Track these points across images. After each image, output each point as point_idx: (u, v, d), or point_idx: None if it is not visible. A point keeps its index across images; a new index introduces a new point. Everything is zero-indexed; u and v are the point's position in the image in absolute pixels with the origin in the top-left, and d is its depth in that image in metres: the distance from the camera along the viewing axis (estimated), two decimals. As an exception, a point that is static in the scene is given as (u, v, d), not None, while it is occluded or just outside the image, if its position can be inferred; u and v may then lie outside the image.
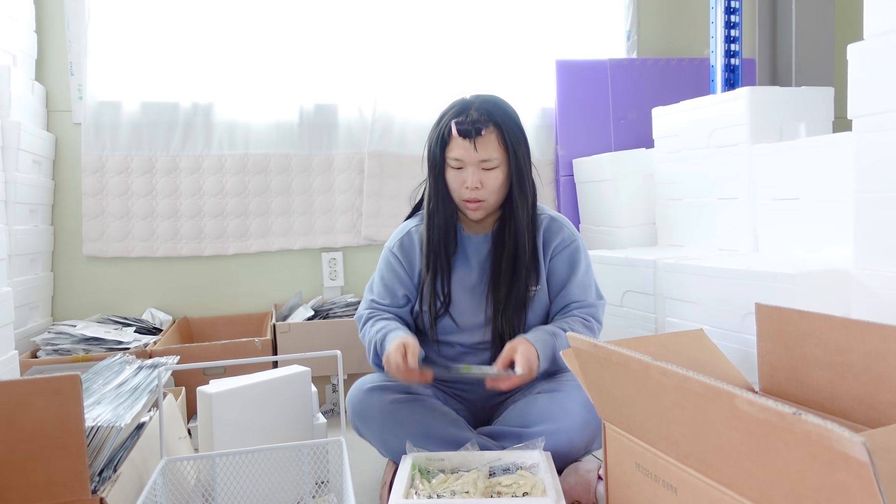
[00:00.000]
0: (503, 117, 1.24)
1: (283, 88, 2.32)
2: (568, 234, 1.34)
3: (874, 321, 0.89)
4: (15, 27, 1.98)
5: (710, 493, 0.71)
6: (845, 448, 0.50)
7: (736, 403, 0.61)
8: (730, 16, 2.25)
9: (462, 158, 1.24)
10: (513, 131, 1.25)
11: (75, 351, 1.81)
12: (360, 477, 1.37)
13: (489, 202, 1.27)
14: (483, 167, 1.24)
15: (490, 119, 1.23)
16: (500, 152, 1.24)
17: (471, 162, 1.23)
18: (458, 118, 1.24)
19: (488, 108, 1.24)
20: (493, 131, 1.23)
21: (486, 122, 1.22)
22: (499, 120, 1.23)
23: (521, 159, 1.26)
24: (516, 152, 1.25)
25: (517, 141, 1.25)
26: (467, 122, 1.22)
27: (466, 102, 1.27)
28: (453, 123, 1.23)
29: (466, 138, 1.22)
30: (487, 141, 1.22)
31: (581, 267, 1.33)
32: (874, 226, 1.26)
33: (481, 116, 1.22)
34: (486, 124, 1.22)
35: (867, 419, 0.89)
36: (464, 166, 1.25)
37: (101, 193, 2.17)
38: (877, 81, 1.23)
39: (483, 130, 1.22)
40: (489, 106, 1.25)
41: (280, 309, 2.27)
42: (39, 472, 0.84)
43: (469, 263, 1.34)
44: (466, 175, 1.24)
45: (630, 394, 0.81)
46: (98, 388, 1.19)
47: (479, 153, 1.22)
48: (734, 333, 1.43)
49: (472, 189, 1.24)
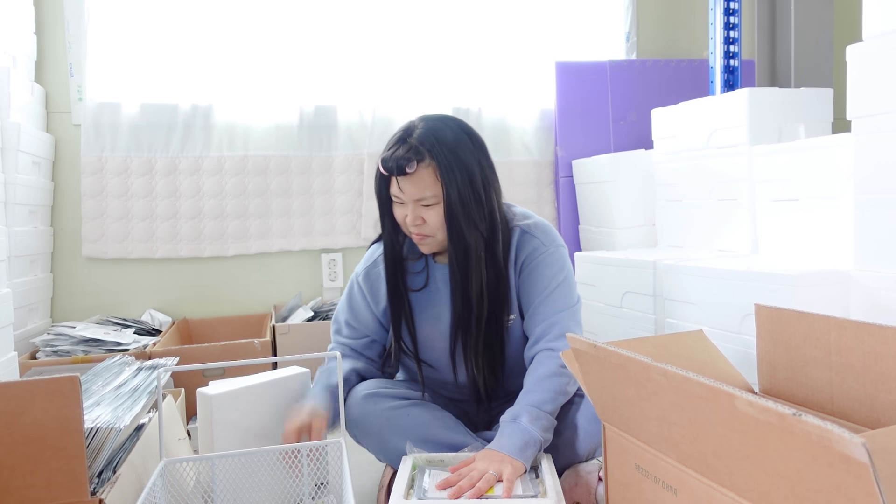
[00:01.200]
0: (439, 146, 1.08)
1: (283, 90, 2.32)
2: (537, 245, 1.19)
3: (874, 322, 0.88)
4: (15, 29, 1.98)
5: (710, 495, 0.71)
6: (845, 449, 0.50)
7: (736, 404, 0.61)
8: (729, 17, 2.25)
9: (398, 196, 1.12)
10: (449, 162, 1.08)
11: (75, 352, 1.81)
12: (360, 479, 1.37)
13: (438, 237, 1.14)
14: (421, 204, 1.11)
15: (422, 153, 1.08)
16: (436, 188, 1.09)
17: (407, 199, 1.11)
18: (387, 152, 1.10)
19: (424, 138, 1.09)
20: (427, 165, 1.08)
21: (416, 157, 1.07)
22: (432, 150, 1.08)
23: (455, 195, 1.09)
24: (450, 188, 1.08)
25: (452, 174, 1.08)
26: (392, 159, 1.08)
27: (408, 130, 1.12)
28: (379, 161, 1.11)
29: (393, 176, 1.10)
30: (419, 178, 1.08)
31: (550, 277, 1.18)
32: (874, 227, 1.26)
33: (409, 152, 1.08)
34: (414, 160, 1.07)
35: (867, 420, 0.89)
36: (404, 201, 1.12)
37: (100, 195, 2.17)
38: (876, 83, 1.23)
39: (409, 168, 1.07)
40: (426, 135, 1.10)
41: (280, 310, 2.27)
42: (39, 473, 0.84)
43: (439, 295, 1.22)
44: (406, 211, 1.12)
45: (630, 395, 0.81)
46: (97, 389, 1.19)
47: (410, 191, 1.09)
48: (734, 334, 1.43)
49: (413, 225, 1.13)
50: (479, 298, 1.15)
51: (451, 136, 1.11)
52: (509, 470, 0.98)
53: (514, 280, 1.20)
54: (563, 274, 1.19)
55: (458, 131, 1.13)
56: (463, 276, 1.15)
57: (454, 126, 1.14)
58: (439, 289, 1.23)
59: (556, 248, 1.20)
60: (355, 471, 1.36)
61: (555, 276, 1.18)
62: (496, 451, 1.02)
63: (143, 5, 2.21)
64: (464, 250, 1.13)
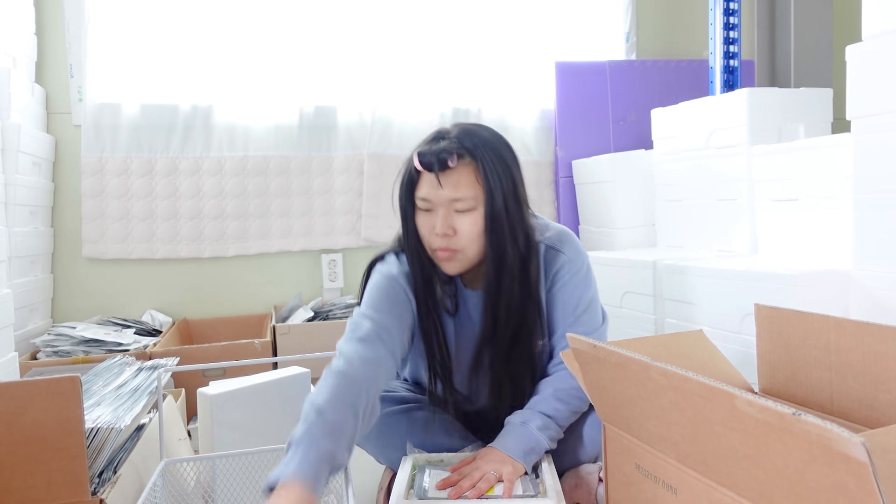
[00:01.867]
0: (482, 146, 0.99)
1: (283, 91, 2.32)
2: (565, 262, 1.10)
3: (873, 322, 0.89)
4: (15, 29, 1.98)
5: (710, 494, 0.71)
6: (845, 448, 0.50)
7: (735, 404, 0.61)
8: (728, 17, 2.26)
9: (429, 198, 1.00)
10: (493, 163, 0.99)
11: (75, 353, 1.81)
12: (359, 479, 1.37)
13: (466, 253, 1.02)
14: (455, 208, 0.99)
15: (462, 148, 0.98)
16: (476, 190, 0.99)
17: (439, 202, 0.99)
18: (425, 147, 1.01)
19: (464, 136, 1.00)
20: (468, 164, 0.99)
21: (458, 152, 0.98)
22: (475, 150, 0.99)
23: (505, 199, 0.99)
24: (494, 191, 0.98)
25: (499, 175, 0.99)
26: (431, 153, 0.98)
27: (442, 132, 1.03)
28: (415, 154, 1.01)
29: (432, 172, 0.98)
30: (458, 175, 0.98)
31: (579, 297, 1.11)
32: (873, 227, 1.26)
33: (451, 145, 0.98)
34: (455, 154, 0.97)
35: (867, 420, 0.89)
36: (433, 208, 1.00)
37: (100, 195, 2.17)
38: (875, 83, 1.23)
39: (450, 161, 0.97)
40: (466, 133, 1.01)
41: (280, 310, 2.27)
42: (39, 473, 0.85)
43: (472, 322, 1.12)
44: (435, 218, 1.00)
45: (630, 395, 0.81)
46: (98, 389, 1.19)
47: (447, 190, 0.98)
48: (733, 334, 1.43)
49: (443, 236, 0.99)
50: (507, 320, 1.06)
51: (492, 138, 1.03)
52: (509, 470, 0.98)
53: (543, 299, 1.11)
54: (591, 292, 1.12)
55: (498, 137, 1.05)
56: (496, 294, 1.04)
57: (493, 132, 1.06)
58: (471, 314, 1.12)
59: (581, 263, 1.12)
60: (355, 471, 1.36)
61: (583, 296, 1.11)
62: (498, 451, 1.02)
63: (144, 6, 2.21)
64: (500, 264, 1.02)
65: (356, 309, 1.07)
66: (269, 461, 1.14)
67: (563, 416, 1.07)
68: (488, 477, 0.97)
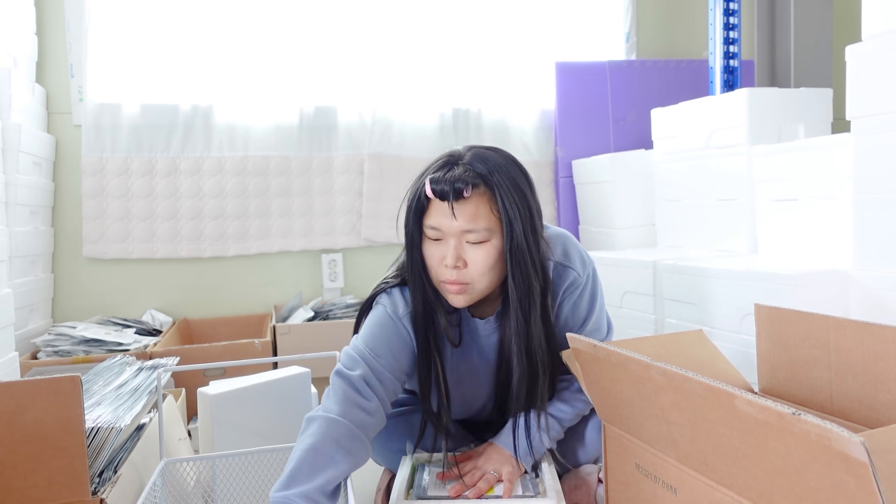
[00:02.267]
0: (497, 174, 0.94)
1: (283, 91, 2.33)
2: (574, 277, 1.07)
3: (873, 321, 0.89)
4: (16, 29, 1.98)
5: (710, 494, 0.71)
6: (844, 448, 0.50)
7: (735, 404, 0.61)
8: (728, 17, 2.26)
9: (439, 227, 0.95)
10: (509, 193, 0.94)
11: (75, 352, 1.81)
12: (359, 479, 1.37)
13: (476, 286, 0.97)
14: (467, 239, 0.95)
15: (479, 177, 0.93)
16: (491, 221, 0.94)
17: (451, 232, 0.94)
18: (437, 173, 0.94)
19: (480, 163, 0.94)
20: (482, 193, 0.94)
21: (473, 181, 0.93)
22: (490, 177, 0.93)
23: (519, 232, 0.94)
24: (513, 222, 0.94)
25: (515, 206, 0.94)
26: (445, 181, 0.92)
27: (455, 155, 0.98)
28: (427, 181, 0.94)
29: (444, 201, 0.93)
30: (473, 206, 0.93)
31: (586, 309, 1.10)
32: (873, 227, 1.26)
33: (466, 174, 0.93)
34: (471, 183, 0.92)
35: (866, 419, 0.89)
36: (443, 237, 0.96)
37: (101, 195, 2.17)
38: (875, 83, 1.23)
39: (465, 191, 0.92)
40: (480, 159, 0.95)
41: (280, 310, 2.27)
42: (40, 473, 0.85)
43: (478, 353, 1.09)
44: (446, 249, 0.95)
45: (629, 394, 0.82)
46: (98, 389, 1.19)
47: (461, 221, 0.93)
48: (733, 334, 1.43)
49: (452, 268, 0.95)
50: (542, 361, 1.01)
51: (506, 165, 0.97)
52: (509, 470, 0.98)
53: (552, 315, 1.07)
54: (597, 304, 1.11)
55: (513, 162, 0.99)
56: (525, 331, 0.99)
57: (507, 156, 0.99)
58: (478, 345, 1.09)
59: (587, 277, 1.09)
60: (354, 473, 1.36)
61: (591, 310, 1.10)
62: (501, 449, 1.02)
63: (144, 6, 2.21)
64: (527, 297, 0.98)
65: (354, 339, 1.03)
66: (269, 461, 1.14)
67: (566, 418, 1.08)
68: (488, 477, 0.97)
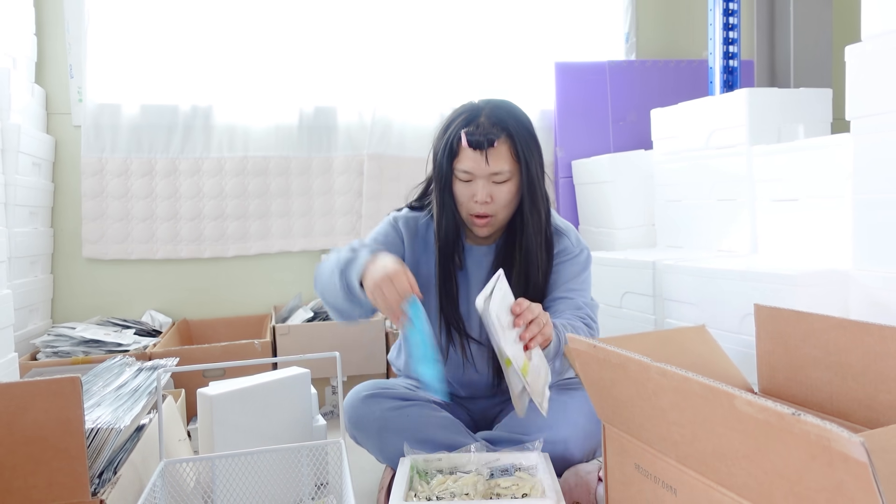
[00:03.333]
0: (516, 126, 1.15)
1: (283, 91, 2.33)
2: (567, 245, 1.26)
3: (873, 322, 0.89)
4: (15, 30, 1.98)
5: (710, 494, 0.71)
6: (844, 448, 0.50)
7: (735, 404, 0.61)
8: (728, 17, 2.26)
9: (472, 171, 1.15)
10: (525, 141, 1.15)
11: (75, 353, 1.81)
12: (359, 478, 1.37)
13: (498, 217, 1.19)
14: (494, 180, 1.15)
15: (503, 129, 1.14)
16: (512, 164, 1.15)
17: (481, 175, 1.14)
18: (469, 127, 1.14)
19: (500, 116, 1.15)
20: (505, 142, 1.14)
21: (499, 133, 1.13)
22: (511, 129, 1.14)
23: (533, 171, 1.16)
24: (528, 164, 1.15)
25: (530, 151, 1.16)
26: (479, 133, 1.13)
27: (476, 109, 1.17)
28: (463, 133, 1.14)
29: (477, 150, 1.13)
30: (499, 152, 1.13)
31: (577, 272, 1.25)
32: (872, 226, 1.26)
33: (493, 126, 1.13)
34: (498, 134, 1.13)
35: (866, 420, 0.89)
36: (473, 179, 1.16)
37: (100, 196, 2.17)
38: (874, 83, 1.23)
39: (495, 142, 1.12)
40: (501, 113, 1.15)
41: (279, 311, 2.27)
42: (40, 474, 0.85)
43: (472, 278, 1.25)
44: (476, 188, 1.15)
45: (629, 395, 0.82)
46: (98, 390, 1.19)
47: (491, 166, 1.13)
48: (733, 334, 1.43)
49: (482, 203, 1.15)
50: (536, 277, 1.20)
51: (522, 116, 1.18)
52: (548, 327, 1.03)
53: None
54: (585, 275, 1.27)
55: (524, 113, 1.20)
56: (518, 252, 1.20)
57: (518, 109, 1.20)
58: (471, 271, 1.26)
59: (581, 252, 1.27)
60: (355, 471, 1.36)
61: (578, 275, 1.25)
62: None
63: (143, 7, 2.21)
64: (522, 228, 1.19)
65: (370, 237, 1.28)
66: (269, 461, 1.14)
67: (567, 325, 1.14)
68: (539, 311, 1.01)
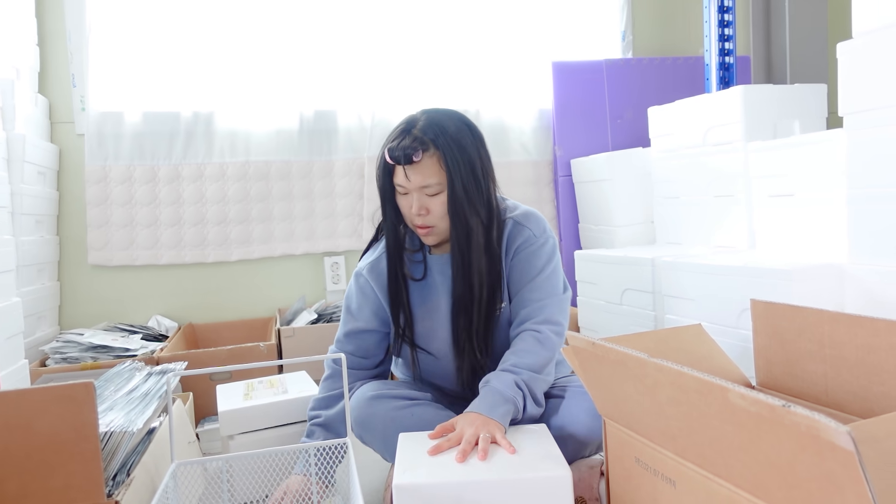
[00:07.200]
0: (443, 136, 1.14)
1: (283, 96, 2.35)
2: (529, 235, 1.24)
3: (867, 315, 0.90)
4: (18, 41, 2.00)
5: (708, 486, 0.73)
6: (832, 438, 0.52)
7: (729, 397, 0.63)
8: (723, 14, 2.27)
9: (403, 185, 1.16)
10: (453, 151, 1.14)
11: (84, 359, 1.83)
12: (366, 478, 1.39)
13: (439, 227, 1.19)
14: (426, 192, 1.16)
15: (429, 141, 1.14)
16: (441, 176, 1.14)
17: (412, 188, 1.15)
18: (394, 142, 1.16)
19: (429, 129, 1.15)
20: (432, 155, 1.14)
21: (422, 147, 1.13)
22: (439, 142, 1.14)
23: (464, 181, 1.15)
24: (454, 175, 1.14)
25: (458, 161, 1.14)
26: (399, 149, 1.14)
27: (411, 122, 1.19)
28: (386, 151, 1.16)
29: (400, 165, 1.15)
30: (425, 166, 1.14)
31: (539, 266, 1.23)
32: (867, 221, 1.28)
33: (414, 142, 1.13)
34: (419, 150, 1.13)
35: (861, 411, 0.91)
36: (408, 192, 1.17)
37: (104, 203, 2.19)
38: (866, 79, 1.25)
39: (415, 157, 1.13)
40: (432, 126, 1.16)
41: (284, 314, 2.29)
42: (57, 477, 0.87)
43: (437, 287, 1.27)
44: (412, 200, 1.16)
45: (628, 390, 0.84)
46: (109, 394, 1.22)
47: (416, 180, 1.14)
48: (731, 329, 1.45)
49: (419, 215, 1.17)
50: (480, 283, 1.20)
51: (453, 127, 1.18)
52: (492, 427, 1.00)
53: (506, 268, 1.25)
54: (552, 264, 1.25)
55: (459, 123, 1.20)
56: (465, 261, 1.19)
57: (455, 118, 1.21)
58: (436, 280, 1.27)
59: (545, 240, 1.25)
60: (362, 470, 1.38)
61: (544, 266, 1.23)
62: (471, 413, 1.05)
63: (144, 15, 2.23)
64: (466, 236, 1.18)
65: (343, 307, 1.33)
66: (280, 461, 1.16)
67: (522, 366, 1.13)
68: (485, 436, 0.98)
